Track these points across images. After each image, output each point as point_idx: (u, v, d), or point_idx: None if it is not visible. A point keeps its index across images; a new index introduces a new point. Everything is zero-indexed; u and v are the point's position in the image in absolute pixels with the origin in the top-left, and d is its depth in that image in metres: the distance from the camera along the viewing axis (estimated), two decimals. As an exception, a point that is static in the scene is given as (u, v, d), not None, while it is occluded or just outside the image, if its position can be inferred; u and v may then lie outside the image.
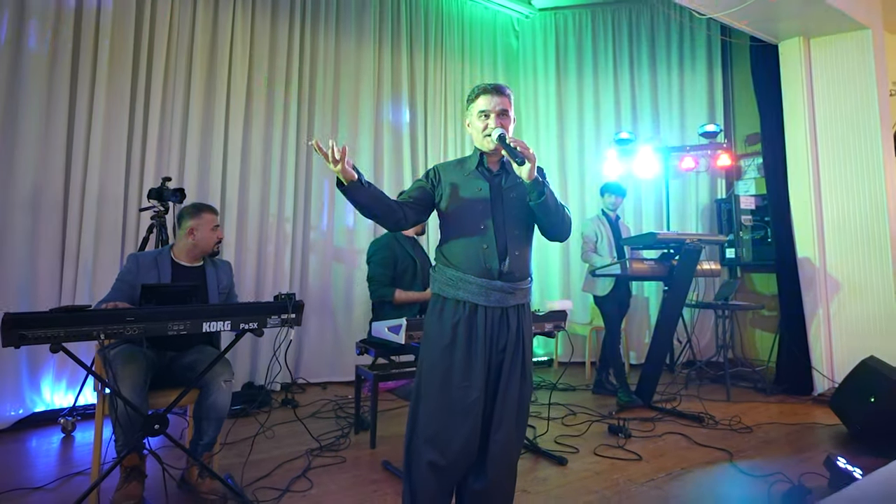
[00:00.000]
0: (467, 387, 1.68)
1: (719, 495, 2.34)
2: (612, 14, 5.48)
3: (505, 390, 1.73)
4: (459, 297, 1.73)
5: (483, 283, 1.71)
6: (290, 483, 2.41)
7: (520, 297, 1.78)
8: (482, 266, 1.72)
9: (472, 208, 1.76)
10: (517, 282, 1.76)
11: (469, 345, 1.71)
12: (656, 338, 3.76)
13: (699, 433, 3.19)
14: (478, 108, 1.78)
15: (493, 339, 1.73)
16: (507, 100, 1.78)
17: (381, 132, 4.80)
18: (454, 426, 1.68)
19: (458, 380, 1.69)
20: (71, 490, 2.36)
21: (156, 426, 2.05)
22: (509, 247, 1.74)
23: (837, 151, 4.18)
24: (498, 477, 1.74)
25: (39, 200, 3.38)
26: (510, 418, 1.73)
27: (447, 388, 1.69)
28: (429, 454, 1.68)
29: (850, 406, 3.12)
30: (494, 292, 1.72)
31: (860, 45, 4.08)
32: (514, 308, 1.77)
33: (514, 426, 1.75)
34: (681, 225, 5.22)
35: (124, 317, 1.86)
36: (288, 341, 2.23)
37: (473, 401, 1.68)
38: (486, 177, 1.80)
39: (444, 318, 1.74)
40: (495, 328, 1.73)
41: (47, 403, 3.39)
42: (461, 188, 1.79)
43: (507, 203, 1.78)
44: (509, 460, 1.76)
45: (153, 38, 3.80)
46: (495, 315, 1.73)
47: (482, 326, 1.71)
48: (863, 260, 4.07)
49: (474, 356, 1.70)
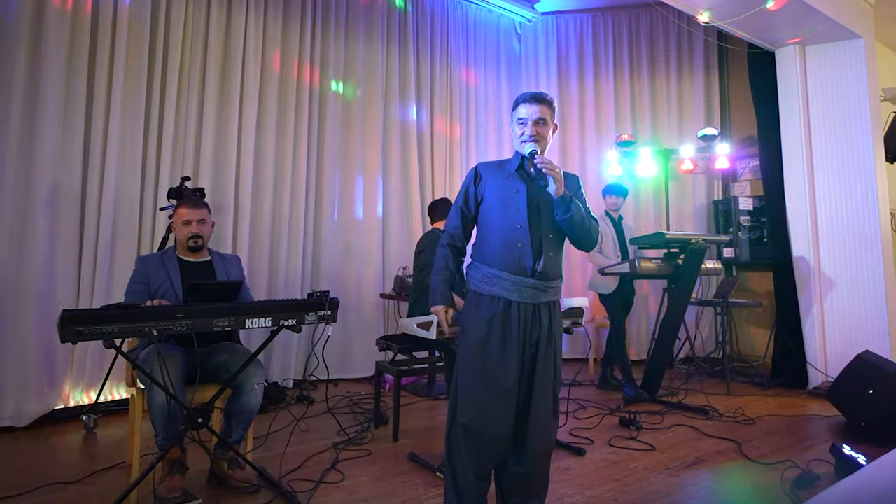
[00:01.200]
0: (501, 378, 1.78)
1: (735, 482, 2.47)
2: (612, 19, 5.61)
3: (540, 382, 1.82)
4: (494, 294, 1.82)
5: (517, 281, 1.81)
6: (322, 475, 2.48)
7: (551, 294, 1.88)
8: (517, 264, 1.81)
9: (510, 208, 1.85)
10: (550, 281, 1.85)
11: (504, 338, 1.81)
12: (662, 334, 3.90)
13: (706, 425, 3.32)
14: (518, 115, 1.89)
15: (525, 334, 1.82)
16: (547, 108, 1.87)
17: (389, 133, 4.88)
18: (490, 413, 1.78)
19: (494, 370, 1.79)
20: (109, 484, 2.41)
21: (199, 420, 2.11)
22: (544, 248, 1.83)
23: (831, 155, 4.35)
24: (537, 464, 1.85)
25: (58, 199, 3.41)
26: (546, 409, 1.84)
27: (484, 378, 1.79)
28: (468, 439, 1.79)
29: (849, 398, 3.27)
30: (527, 289, 1.81)
31: (853, 54, 4.26)
32: (545, 305, 1.86)
33: (551, 417, 1.86)
34: (679, 225, 5.37)
35: (174, 313, 1.92)
36: (326, 337, 2.30)
37: (508, 390, 1.79)
38: (524, 179, 1.90)
39: (480, 314, 1.84)
40: (528, 323, 1.82)
41: (65, 401, 3.42)
42: (500, 189, 1.89)
43: (544, 205, 1.87)
44: (546, 448, 1.88)
45: (168, 40, 3.84)
46: (528, 311, 1.82)
47: (515, 321, 1.81)
48: (855, 259, 4.25)
49: (509, 349, 1.80)
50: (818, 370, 4.26)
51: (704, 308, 5.11)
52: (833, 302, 4.30)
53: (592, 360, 5.06)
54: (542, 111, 1.85)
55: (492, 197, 1.90)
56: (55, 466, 2.64)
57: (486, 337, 1.81)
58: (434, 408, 3.76)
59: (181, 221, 2.51)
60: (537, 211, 1.86)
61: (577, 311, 2.81)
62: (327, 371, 2.65)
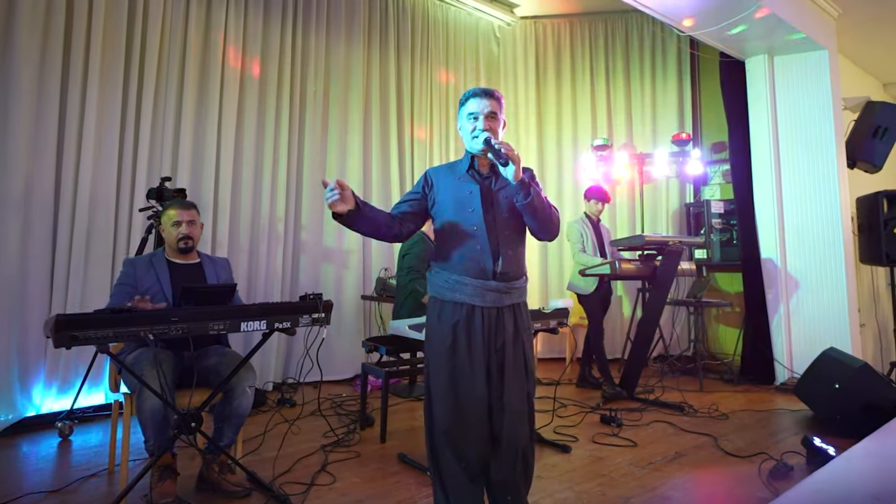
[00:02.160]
0: (470, 384, 1.76)
1: (715, 474, 2.57)
2: (589, 25, 5.73)
3: (510, 388, 1.78)
4: (457, 300, 1.79)
5: (479, 284, 1.77)
6: (313, 477, 2.48)
7: (515, 296, 1.84)
8: (477, 267, 1.78)
9: (464, 211, 1.82)
10: (511, 281, 1.81)
11: (469, 344, 1.77)
12: (639, 334, 4.01)
13: (682, 421, 3.44)
14: (467, 110, 1.84)
15: (490, 339, 1.79)
16: (497, 103, 1.84)
17: (369, 132, 4.87)
18: (466, 420, 1.77)
19: (463, 377, 1.77)
20: (92, 492, 2.36)
21: (192, 424, 2.09)
22: (501, 247, 1.79)
23: (797, 160, 4.55)
24: (512, 467, 1.79)
25: (30, 200, 3.30)
26: (517, 413, 1.79)
27: (454, 386, 1.77)
28: (450, 448, 1.77)
29: (815, 393, 3.44)
30: (490, 293, 1.78)
31: (818, 65, 4.46)
32: (509, 308, 1.82)
33: (523, 421, 1.80)
34: (653, 227, 5.52)
35: (169, 317, 1.90)
36: (321, 340, 2.30)
37: (478, 396, 1.76)
38: (476, 179, 1.85)
39: (444, 321, 1.81)
40: (492, 328, 1.79)
41: (38, 408, 3.31)
42: (452, 191, 1.85)
43: (498, 204, 1.83)
44: (522, 452, 1.81)
45: (146, 37, 3.75)
46: (492, 315, 1.79)
47: (479, 327, 1.77)
48: (819, 260, 4.45)
49: (475, 355, 1.77)
50: (784, 367, 4.45)
51: (677, 307, 5.27)
52: (798, 301, 4.50)
53: (570, 360, 5.16)
54: (493, 105, 1.82)
55: (445, 201, 1.86)
56: (33, 475, 2.56)
57: (452, 344, 1.78)
58: (416, 409, 3.78)
59: (171, 223, 2.48)
60: (492, 210, 1.82)
61: (562, 311, 2.88)
62: (321, 373, 2.64)
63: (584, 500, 2.28)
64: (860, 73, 5.94)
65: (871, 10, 4.56)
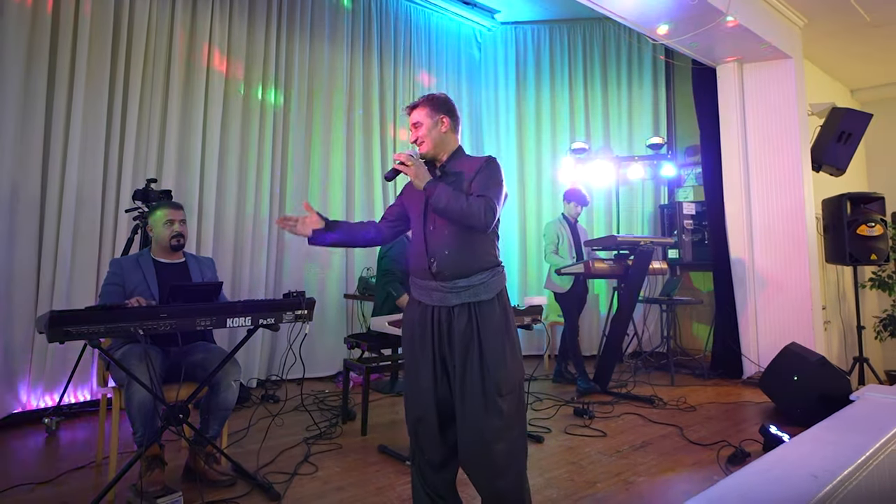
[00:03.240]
0: (418, 377, 1.83)
1: (677, 461, 2.73)
2: (567, 31, 5.89)
3: (461, 384, 1.76)
4: (415, 298, 1.90)
5: (423, 284, 1.84)
6: (296, 467, 2.59)
7: (466, 296, 1.78)
8: (420, 267, 1.85)
9: (414, 212, 1.93)
10: (454, 280, 1.78)
11: (421, 339, 1.83)
12: (612, 330, 4.17)
13: (652, 412, 3.60)
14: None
15: (441, 337, 1.80)
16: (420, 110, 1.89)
17: (353, 135, 4.97)
18: (420, 411, 1.83)
19: (413, 369, 1.85)
20: (81, 483, 2.44)
21: (179, 416, 2.19)
22: (437, 247, 1.81)
23: (765, 164, 4.75)
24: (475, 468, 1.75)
25: (16, 200, 3.35)
26: (473, 410, 1.73)
27: (412, 378, 1.86)
28: (414, 430, 1.87)
29: (777, 385, 3.62)
30: (434, 292, 1.81)
31: (784, 72, 4.67)
32: (462, 307, 1.78)
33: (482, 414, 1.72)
34: (629, 228, 5.70)
35: (158, 313, 2.00)
36: (303, 336, 2.41)
37: (424, 389, 1.81)
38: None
39: (408, 316, 1.92)
40: (443, 326, 1.80)
41: (24, 405, 3.37)
42: (413, 196, 1.94)
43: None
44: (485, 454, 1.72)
45: (131, 39, 3.81)
46: (442, 313, 1.80)
47: (429, 323, 1.81)
48: (785, 259, 4.66)
49: (424, 350, 1.82)
50: (752, 361, 4.64)
51: (651, 305, 5.44)
52: (765, 299, 4.70)
53: (547, 356, 5.31)
54: (414, 116, 1.90)
55: (410, 207, 1.95)
56: (22, 468, 2.63)
57: (410, 339, 1.87)
58: (397, 403, 3.90)
59: (162, 222, 2.57)
60: (429, 210, 1.85)
61: (536, 308, 3.02)
62: (303, 369, 2.75)
63: (553, 486, 2.41)
64: (828, 80, 6.18)
65: (837, 19, 4.77)
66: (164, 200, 2.85)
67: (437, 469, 1.84)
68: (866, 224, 4.64)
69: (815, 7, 4.57)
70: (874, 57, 5.57)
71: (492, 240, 1.88)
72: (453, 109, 1.93)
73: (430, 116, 1.88)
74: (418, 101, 1.92)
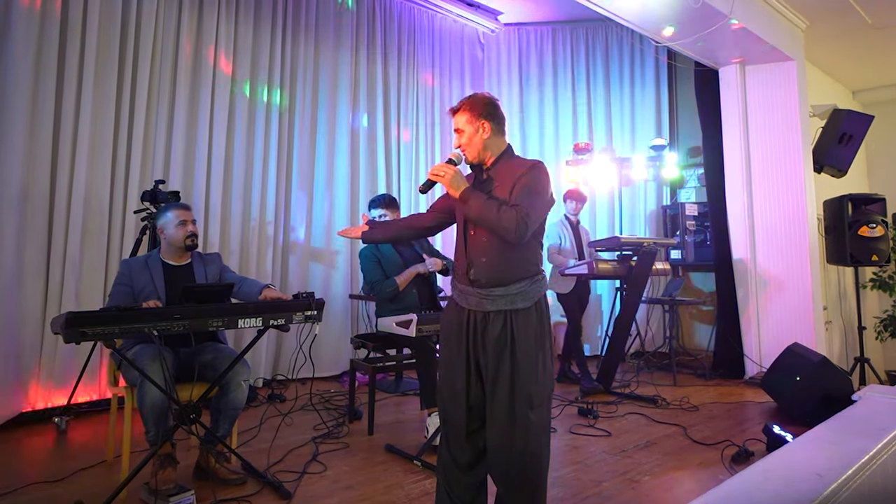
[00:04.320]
0: (453, 377, 1.85)
1: (681, 460, 2.76)
2: (570, 33, 5.92)
3: (492, 392, 1.77)
4: (454, 300, 1.92)
5: (462, 289, 1.86)
6: (305, 466, 2.62)
7: (502, 303, 1.78)
8: (460, 272, 1.88)
9: (458, 215, 1.94)
10: (490, 288, 1.78)
11: (458, 342, 1.84)
12: (616, 331, 4.20)
13: (655, 412, 3.63)
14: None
15: (476, 340, 1.81)
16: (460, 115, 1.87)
17: (357, 137, 5.00)
18: (451, 402, 1.87)
19: (447, 370, 1.89)
20: (93, 481, 2.47)
21: (192, 416, 2.22)
22: (475, 255, 1.82)
23: (767, 165, 4.78)
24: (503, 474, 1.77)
25: (25, 201, 3.38)
26: (501, 418, 1.75)
27: (447, 379, 1.89)
28: (444, 427, 1.91)
29: (779, 385, 3.65)
30: (471, 297, 1.82)
31: (787, 74, 4.69)
32: (498, 313, 1.78)
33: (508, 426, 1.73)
34: (631, 229, 5.73)
35: (172, 314, 2.03)
36: (313, 336, 2.44)
37: (458, 391, 1.82)
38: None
39: (446, 317, 1.95)
40: (478, 330, 1.81)
41: (34, 404, 3.40)
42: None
43: None
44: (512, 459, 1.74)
45: (139, 43, 3.83)
46: (478, 318, 1.81)
47: (465, 326, 1.83)
48: (786, 260, 4.69)
49: (459, 352, 1.83)
50: (753, 361, 4.67)
51: (653, 305, 5.48)
52: (767, 299, 4.73)
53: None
54: (456, 121, 1.89)
55: (455, 206, 1.95)
56: (33, 467, 2.66)
57: (447, 339, 1.90)
58: (402, 403, 3.93)
59: (175, 224, 2.60)
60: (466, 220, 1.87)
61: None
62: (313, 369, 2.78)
63: (559, 485, 2.44)
64: (829, 81, 6.20)
65: (838, 22, 4.80)
66: (173, 202, 2.88)
67: (465, 470, 1.84)
68: (867, 225, 4.68)
69: (818, 9, 4.60)
70: (875, 59, 5.60)
71: (534, 247, 1.85)
72: (495, 111, 1.87)
73: (471, 123, 1.85)
74: (459, 104, 1.88)
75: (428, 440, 2.79)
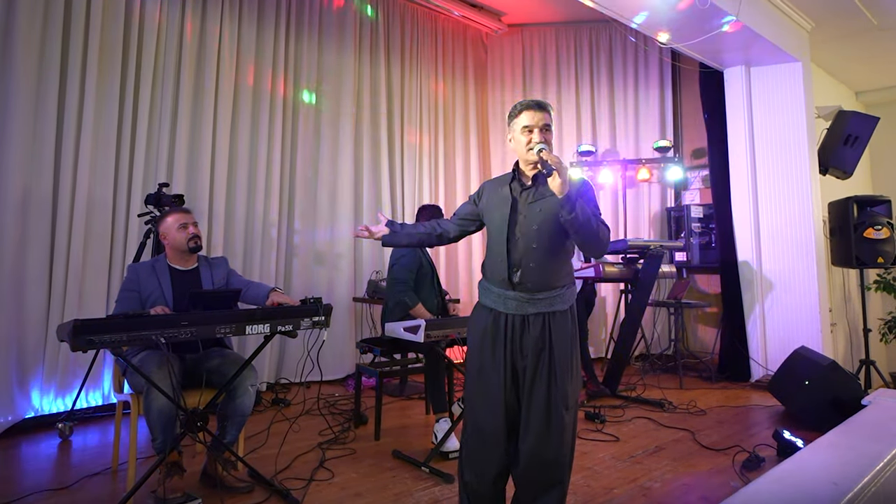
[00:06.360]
0: (489, 382, 1.85)
1: (692, 465, 2.74)
2: (574, 33, 5.89)
3: (529, 394, 1.80)
4: (486, 305, 1.92)
5: (500, 293, 1.86)
6: (313, 473, 2.59)
7: (542, 305, 1.83)
8: (499, 276, 1.87)
9: (498, 221, 1.92)
10: (535, 292, 1.83)
11: (493, 346, 1.85)
12: (622, 334, 4.18)
13: (663, 417, 3.61)
14: (521, 123, 1.85)
15: (514, 344, 1.83)
16: (549, 115, 1.86)
17: (360, 136, 4.98)
18: (485, 410, 1.86)
19: (486, 376, 1.87)
20: (99, 489, 2.44)
21: (198, 423, 2.19)
22: (523, 258, 1.84)
23: (772, 167, 4.76)
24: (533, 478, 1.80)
25: (28, 203, 3.36)
26: (538, 421, 1.78)
27: (479, 382, 1.88)
28: (473, 438, 1.88)
29: (787, 389, 3.63)
30: (511, 301, 1.84)
31: (792, 76, 4.67)
32: (537, 316, 1.83)
33: (545, 429, 1.78)
34: (635, 231, 5.70)
35: (179, 322, 2.00)
36: (321, 342, 2.41)
37: (495, 395, 1.82)
38: (514, 191, 1.90)
39: (477, 323, 1.93)
40: (516, 333, 1.83)
41: (37, 410, 3.38)
42: (495, 203, 1.95)
43: (529, 216, 1.86)
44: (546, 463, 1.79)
45: (142, 44, 3.81)
46: (516, 322, 1.83)
47: (502, 331, 1.84)
48: (792, 262, 4.66)
49: (496, 357, 1.84)
50: (759, 364, 4.65)
51: (658, 308, 5.45)
52: (773, 302, 4.71)
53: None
54: (546, 118, 1.85)
55: (490, 213, 1.96)
56: (37, 474, 2.64)
57: (479, 345, 1.90)
58: (407, 407, 3.91)
59: (176, 227, 2.57)
60: (519, 221, 1.87)
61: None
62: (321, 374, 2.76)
63: (570, 491, 2.41)
64: (834, 83, 6.18)
65: (843, 23, 4.78)
66: (173, 206, 2.85)
67: (493, 481, 1.84)
68: (873, 227, 4.65)
69: (823, 11, 4.58)
70: (880, 60, 5.57)
71: (571, 255, 1.95)
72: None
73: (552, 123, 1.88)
74: (547, 104, 1.88)
75: (436, 446, 2.78)
